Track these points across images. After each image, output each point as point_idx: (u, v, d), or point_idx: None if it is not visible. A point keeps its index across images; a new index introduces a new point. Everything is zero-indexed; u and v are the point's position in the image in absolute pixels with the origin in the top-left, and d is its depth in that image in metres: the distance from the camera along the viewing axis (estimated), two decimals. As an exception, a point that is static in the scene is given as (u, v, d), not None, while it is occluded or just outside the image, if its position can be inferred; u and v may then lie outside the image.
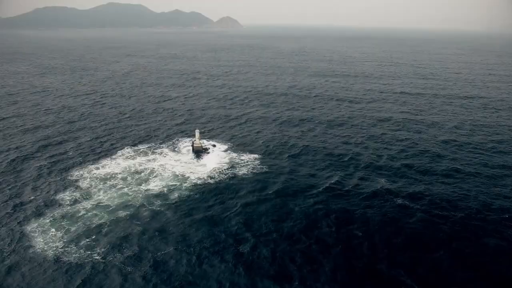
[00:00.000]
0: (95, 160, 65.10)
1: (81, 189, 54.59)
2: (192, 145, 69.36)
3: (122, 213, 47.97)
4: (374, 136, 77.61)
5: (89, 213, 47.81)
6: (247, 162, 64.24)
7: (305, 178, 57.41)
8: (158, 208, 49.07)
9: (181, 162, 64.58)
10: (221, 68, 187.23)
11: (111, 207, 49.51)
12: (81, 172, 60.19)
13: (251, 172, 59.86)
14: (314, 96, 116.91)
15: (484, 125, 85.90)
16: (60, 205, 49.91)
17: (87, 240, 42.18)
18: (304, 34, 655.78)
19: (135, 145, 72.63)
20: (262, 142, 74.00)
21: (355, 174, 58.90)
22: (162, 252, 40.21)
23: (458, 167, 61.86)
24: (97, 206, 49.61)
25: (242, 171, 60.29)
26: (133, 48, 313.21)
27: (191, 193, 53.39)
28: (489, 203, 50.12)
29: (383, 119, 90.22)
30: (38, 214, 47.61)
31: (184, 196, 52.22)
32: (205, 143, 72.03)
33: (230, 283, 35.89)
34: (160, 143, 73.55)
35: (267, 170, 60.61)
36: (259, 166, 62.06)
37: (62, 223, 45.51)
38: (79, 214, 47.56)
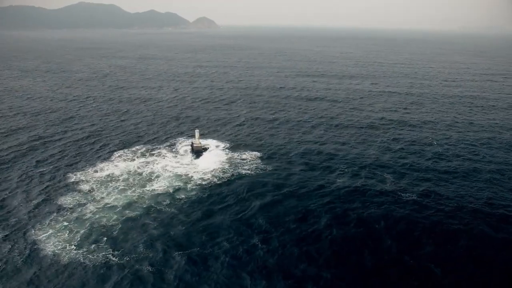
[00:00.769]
0: (92, 163, 64.62)
1: (84, 192, 54.24)
2: (192, 145, 70.08)
3: (131, 214, 48.13)
4: (373, 135, 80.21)
5: (97, 216, 47.67)
6: (250, 161, 65.51)
7: (313, 177, 59.04)
8: (168, 209, 49.51)
9: (181, 163, 65.11)
10: (207, 69, 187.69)
11: (118, 208, 49.57)
12: (79, 176, 59.70)
13: (257, 171, 61.16)
14: (305, 96, 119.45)
15: (474, 122, 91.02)
16: (65, 209, 49.46)
17: (102, 242, 42.17)
18: (284, 34, 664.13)
19: (131, 146, 72.48)
20: (261, 142, 75.45)
21: (362, 172, 60.86)
22: (187, 252, 40.78)
23: (459, 162, 65.33)
24: (104, 208, 49.53)
25: (247, 170, 61.50)
26: (110, 49, 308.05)
27: (199, 193, 54.09)
28: (494, 196, 53.37)
29: (379, 118, 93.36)
30: (45, 219, 47.00)
31: (193, 196, 52.90)
32: (203, 143, 72.82)
33: (264, 280, 37.04)
34: (157, 144, 73.74)
35: (272, 169, 62.03)
36: (263, 166, 63.40)
37: (72, 226, 45.21)
38: (87, 217, 47.29)
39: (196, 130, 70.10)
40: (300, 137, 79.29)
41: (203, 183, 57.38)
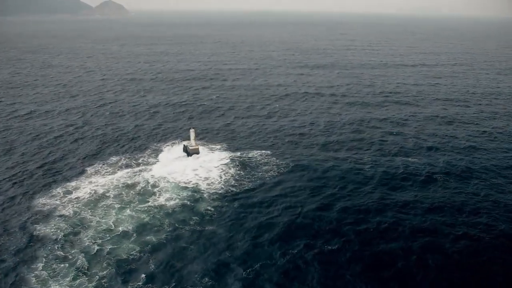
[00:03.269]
0: (59, 184, 55.53)
1: (69, 217, 46.33)
2: (187, 148, 64.72)
3: (154, 240, 42.14)
4: (374, 136, 77.74)
5: (108, 247, 40.88)
6: (260, 160, 62.37)
7: (345, 172, 58.39)
8: (199, 227, 44.36)
9: (180, 169, 59.18)
10: (149, 63, 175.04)
11: (131, 234, 43.15)
12: (48, 200, 50.71)
13: (277, 171, 58.36)
14: (285, 90, 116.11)
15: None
16: (55, 241, 41.62)
17: (138, 281, 36.17)
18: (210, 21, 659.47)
19: (104, 159, 63.74)
20: (263, 139, 72.92)
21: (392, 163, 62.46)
22: (252, 270, 37.48)
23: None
24: (111, 236, 42.64)
25: (263, 172, 58.20)
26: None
27: (220, 203, 49.56)
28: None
29: (378, 115, 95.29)
30: (36, 260, 38.88)
31: (222, 207, 48.29)
32: (194, 144, 67.70)
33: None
34: (138, 152, 66.42)
35: (292, 167, 59.62)
36: (278, 164, 60.81)
37: (80, 265, 38.03)
38: (94, 251, 40.30)
39: (191, 130, 64.64)
40: (301, 131, 78.37)
41: (220, 191, 52.96)
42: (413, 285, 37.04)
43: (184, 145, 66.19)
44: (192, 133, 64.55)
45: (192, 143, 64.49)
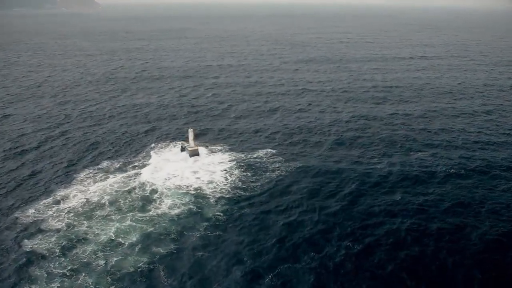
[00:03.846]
0: (47, 192, 52.84)
1: (63, 230, 43.89)
2: (185, 150, 63.03)
3: (160, 250, 40.22)
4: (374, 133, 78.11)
5: (112, 261, 38.80)
6: (267, 161, 60.94)
7: (355, 169, 58.02)
8: (210, 233, 42.89)
9: (179, 173, 57.74)
10: (131, 61, 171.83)
11: (134, 245, 41.23)
12: (37, 213, 48.10)
13: (286, 171, 57.03)
14: (282, 86, 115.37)
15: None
16: (51, 258, 39.13)
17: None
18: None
19: (95, 163, 61.09)
20: (266, 138, 71.69)
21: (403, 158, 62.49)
22: (278, 275, 36.60)
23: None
24: (113, 248, 40.63)
25: (270, 172, 57.01)
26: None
27: (229, 207, 47.78)
28: None
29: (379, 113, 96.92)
30: (34, 279, 36.43)
31: (228, 212, 46.59)
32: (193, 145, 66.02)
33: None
34: (134, 155, 64.19)
35: (302, 166, 58.81)
36: (289, 163, 59.45)
37: (82, 283, 35.93)
38: (99, 267, 38.29)
39: (189, 130, 62.93)
40: (306, 128, 77.46)
41: (228, 195, 51.23)
42: (444, 283, 36.74)
43: (182, 146, 64.34)
44: (190, 134, 62.89)
45: (191, 144, 62.81)
